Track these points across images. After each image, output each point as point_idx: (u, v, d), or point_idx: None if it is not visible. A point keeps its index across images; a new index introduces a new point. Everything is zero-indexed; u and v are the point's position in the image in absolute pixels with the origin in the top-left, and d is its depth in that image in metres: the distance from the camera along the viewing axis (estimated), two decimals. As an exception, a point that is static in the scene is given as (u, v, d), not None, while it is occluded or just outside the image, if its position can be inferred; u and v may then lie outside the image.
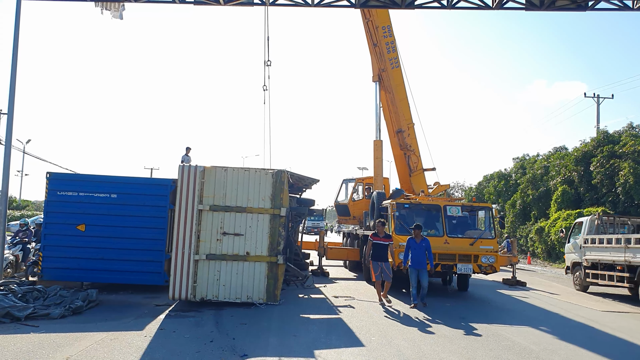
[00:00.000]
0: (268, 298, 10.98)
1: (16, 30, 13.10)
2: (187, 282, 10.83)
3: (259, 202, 11.14)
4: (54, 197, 12.37)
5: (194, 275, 10.87)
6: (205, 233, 11.01)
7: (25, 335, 8.15)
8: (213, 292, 10.90)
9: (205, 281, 10.91)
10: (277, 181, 11.20)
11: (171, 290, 10.85)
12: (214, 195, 11.09)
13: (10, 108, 13.08)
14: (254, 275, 10.99)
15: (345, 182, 23.39)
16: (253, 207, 11.13)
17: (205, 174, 11.14)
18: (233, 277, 10.97)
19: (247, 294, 10.95)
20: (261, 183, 11.20)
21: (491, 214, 14.36)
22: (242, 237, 11.06)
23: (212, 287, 10.91)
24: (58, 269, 12.15)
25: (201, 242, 10.96)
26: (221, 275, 10.93)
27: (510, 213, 36.99)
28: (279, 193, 11.17)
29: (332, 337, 8.77)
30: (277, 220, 11.13)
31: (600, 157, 28.80)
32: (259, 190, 11.17)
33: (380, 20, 18.04)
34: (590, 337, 9.71)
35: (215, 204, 11.06)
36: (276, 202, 11.14)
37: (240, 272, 10.99)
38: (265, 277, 11.01)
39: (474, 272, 13.58)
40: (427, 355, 7.69)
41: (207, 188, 11.10)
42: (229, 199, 11.11)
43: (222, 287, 10.92)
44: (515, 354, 7.94)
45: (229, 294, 10.93)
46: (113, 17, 11.77)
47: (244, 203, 11.13)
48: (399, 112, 18.57)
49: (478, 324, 10.29)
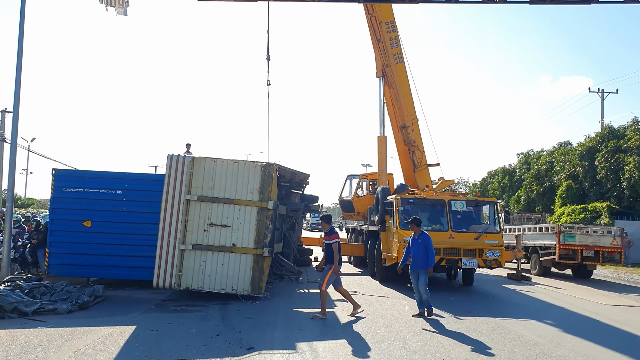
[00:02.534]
0: (253, 290, 11.00)
1: (21, 29, 13.13)
2: (172, 271, 10.91)
3: (247, 195, 11.18)
4: (60, 193, 12.42)
5: (180, 265, 10.94)
6: (192, 223, 11.06)
7: (33, 330, 8.22)
8: (198, 282, 10.94)
9: (191, 271, 10.97)
10: (265, 174, 11.22)
11: (155, 278, 10.90)
12: (202, 186, 11.15)
13: (16, 106, 13.11)
14: (239, 267, 11.03)
15: (350, 178, 23.41)
16: (241, 199, 11.16)
17: (194, 164, 11.20)
18: (219, 267, 11.01)
19: (232, 285, 10.98)
20: (250, 175, 11.23)
21: (496, 208, 14.36)
22: (229, 228, 11.09)
23: (198, 277, 10.96)
24: (64, 265, 12.20)
25: (188, 232, 11.02)
26: (207, 265, 10.98)
27: (514, 209, 36.94)
28: (267, 186, 11.19)
29: (337, 330, 8.81)
30: (264, 213, 11.15)
31: (605, 152, 28.74)
32: (248, 182, 11.20)
33: (384, 15, 18.02)
34: (596, 330, 9.71)
35: (203, 195, 11.12)
36: (264, 195, 11.16)
37: (226, 263, 11.03)
38: (250, 269, 11.03)
39: (479, 267, 13.58)
40: (432, 348, 7.71)
41: (196, 178, 11.16)
42: (217, 190, 11.15)
43: (207, 277, 10.97)
44: (521, 347, 7.95)
45: (214, 285, 10.98)
46: (117, 13, 11.77)
47: (232, 195, 11.17)
48: (403, 108, 18.55)
49: (483, 317, 10.30)
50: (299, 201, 17.65)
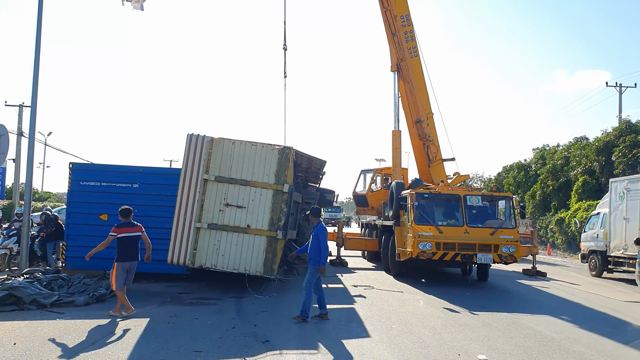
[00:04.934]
0: (265, 271, 11.02)
1: (39, 24, 13.23)
2: (186, 248, 10.99)
3: (263, 177, 11.21)
4: (77, 187, 12.57)
5: (194, 243, 11.02)
6: (209, 202, 11.15)
7: (52, 322, 8.33)
8: (212, 261, 11.00)
9: (205, 249, 11.05)
10: (282, 157, 11.24)
11: (170, 254, 11.00)
12: (220, 167, 11.22)
13: (34, 101, 13.24)
14: (252, 248, 11.07)
15: (364, 173, 23.36)
16: (257, 182, 11.21)
17: (213, 144, 11.27)
18: (232, 247, 11.06)
19: (245, 266, 11.02)
20: (267, 158, 11.26)
21: (512, 203, 14.25)
22: (244, 209, 11.14)
23: (212, 256, 11.02)
24: (81, 258, 12.30)
25: (204, 211, 11.10)
26: (221, 245, 11.04)
27: (530, 204, 36.62)
28: (283, 170, 11.21)
29: (352, 324, 8.82)
30: (279, 196, 11.17)
31: (622, 147, 28.34)
32: (264, 165, 11.24)
33: (399, 9, 17.90)
34: (612, 327, 9.61)
35: (220, 175, 11.19)
36: (280, 178, 11.19)
37: (240, 244, 11.07)
38: (264, 251, 11.06)
39: (494, 262, 13.50)
40: (448, 343, 7.69)
41: (214, 159, 11.23)
42: (235, 172, 11.21)
43: (221, 256, 11.03)
44: (537, 342, 7.90)
45: (227, 264, 11.02)
46: (134, 8, 11.86)
47: (248, 176, 11.22)
48: (418, 102, 18.43)
49: (498, 312, 10.25)
50: (315, 192, 17.60)
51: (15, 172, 33.11)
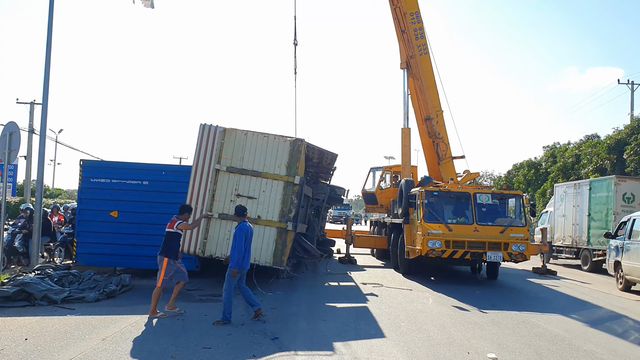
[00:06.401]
0: (275, 262, 11.05)
1: (50, 23, 13.30)
2: (197, 238, 11.04)
3: (274, 168, 11.23)
4: (87, 184, 12.64)
5: (205, 232, 11.07)
6: (220, 193, 11.19)
7: (62, 317, 8.40)
8: (222, 251, 10.99)
9: (215, 239, 11.08)
10: (294, 149, 11.25)
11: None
12: (231, 157, 11.26)
13: (45, 99, 13.34)
14: (263, 239, 11.06)
15: (373, 171, 23.34)
16: (268, 173, 11.23)
17: (225, 135, 11.31)
18: None
19: (254, 256, 10.88)
20: (278, 150, 11.27)
21: (522, 201, 14.16)
22: (255, 200, 11.15)
23: (222, 246, 11.02)
24: (91, 254, 12.44)
25: (215, 201, 11.16)
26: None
27: (540, 202, 36.40)
28: (295, 161, 11.21)
29: (361, 322, 8.81)
30: (290, 188, 11.19)
31: (634, 145, 28.07)
32: (276, 156, 11.25)
33: (408, 6, 17.84)
34: (624, 326, 9.55)
35: (232, 166, 11.23)
36: (291, 170, 11.19)
37: None
38: (274, 242, 11.08)
39: (504, 260, 13.43)
40: (457, 341, 7.67)
41: (226, 149, 11.27)
42: (246, 162, 11.24)
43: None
44: (547, 341, 7.86)
45: None
46: (145, 6, 11.90)
47: (260, 168, 11.24)
48: (428, 100, 18.37)
49: (508, 311, 10.20)
50: (327, 189, 17.55)
51: (27, 169, 33.40)
